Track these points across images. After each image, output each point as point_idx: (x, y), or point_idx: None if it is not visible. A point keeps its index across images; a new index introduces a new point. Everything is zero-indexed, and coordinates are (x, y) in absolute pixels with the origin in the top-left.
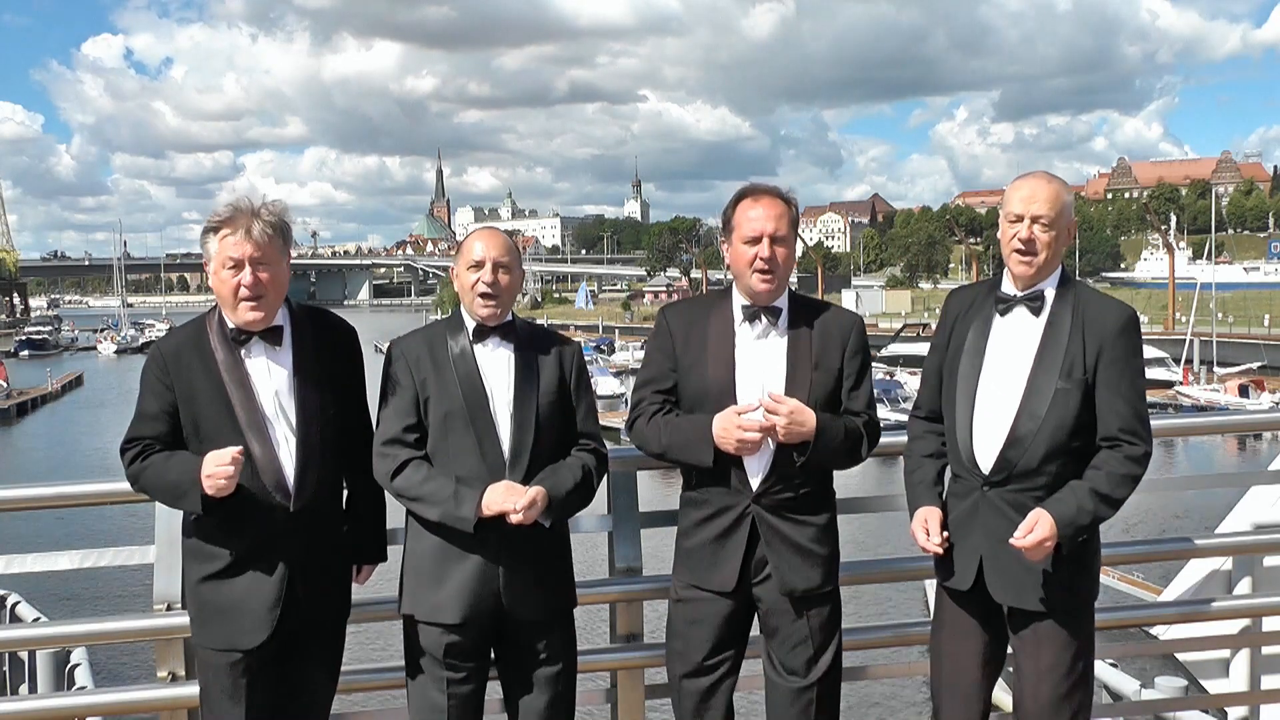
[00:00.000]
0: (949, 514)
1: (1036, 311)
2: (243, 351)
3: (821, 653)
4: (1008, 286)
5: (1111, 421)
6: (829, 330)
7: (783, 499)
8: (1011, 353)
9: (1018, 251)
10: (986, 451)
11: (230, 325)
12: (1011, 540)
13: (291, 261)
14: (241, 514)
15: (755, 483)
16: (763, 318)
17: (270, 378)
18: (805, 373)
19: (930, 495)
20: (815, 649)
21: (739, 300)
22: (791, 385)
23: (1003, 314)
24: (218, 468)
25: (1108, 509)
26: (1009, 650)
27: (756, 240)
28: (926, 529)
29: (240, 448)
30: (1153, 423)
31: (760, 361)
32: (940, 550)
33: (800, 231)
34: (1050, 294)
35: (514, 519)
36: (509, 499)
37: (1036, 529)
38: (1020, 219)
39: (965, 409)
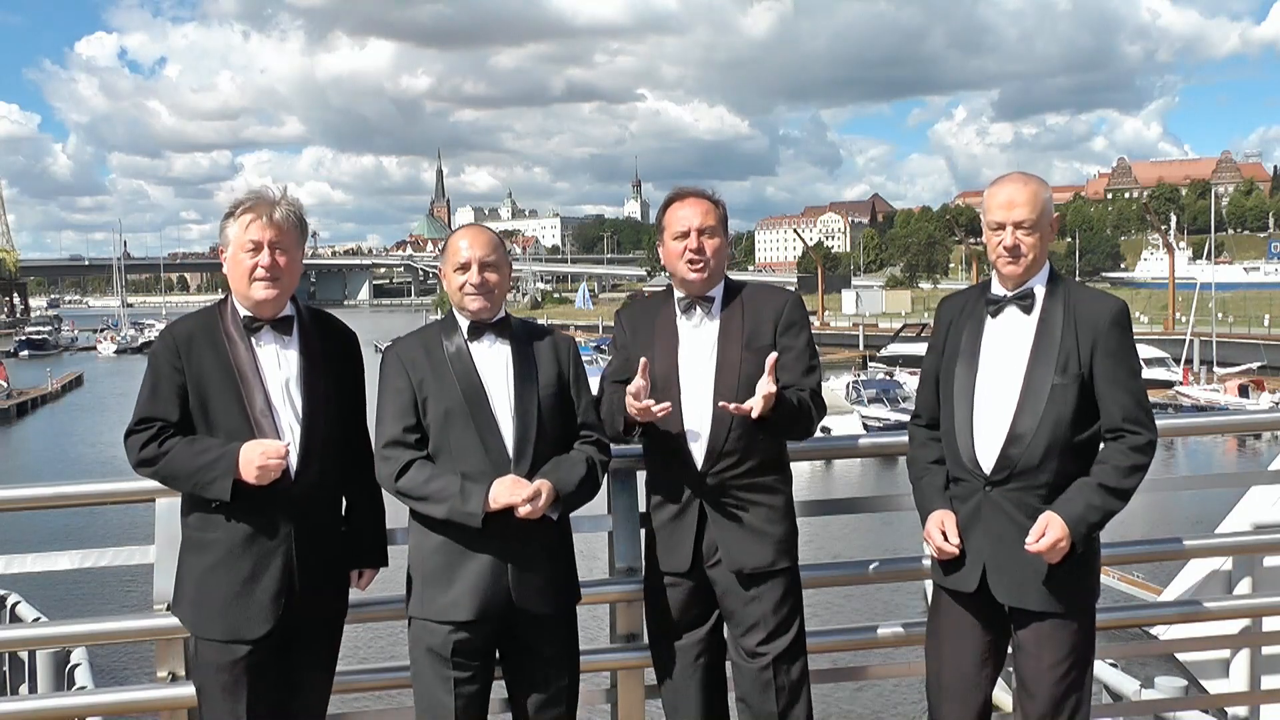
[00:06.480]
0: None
1: (1028, 310)
2: (254, 339)
3: (778, 634)
4: (997, 288)
5: (1115, 412)
6: (760, 310)
7: (730, 479)
8: (1006, 352)
9: (1003, 257)
10: (987, 451)
11: (242, 313)
12: (1026, 545)
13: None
14: (243, 502)
15: (700, 463)
16: (697, 308)
17: (279, 366)
18: (735, 353)
19: (943, 499)
20: (770, 630)
21: (677, 296)
22: (722, 367)
23: (994, 315)
24: (269, 460)
25: (1117, 501)
26: (1009, 651)
27: (685, 235)
28: (944, 532)
29: (288, 442)
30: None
31: (696, 349)
32: (957, 552)
33: (800, 231)
34: (1040, 292)
35: (521, 512)
36: (515, 492)
37: (1048, 532)
38: (1002, 226)
39: (964, 410)
